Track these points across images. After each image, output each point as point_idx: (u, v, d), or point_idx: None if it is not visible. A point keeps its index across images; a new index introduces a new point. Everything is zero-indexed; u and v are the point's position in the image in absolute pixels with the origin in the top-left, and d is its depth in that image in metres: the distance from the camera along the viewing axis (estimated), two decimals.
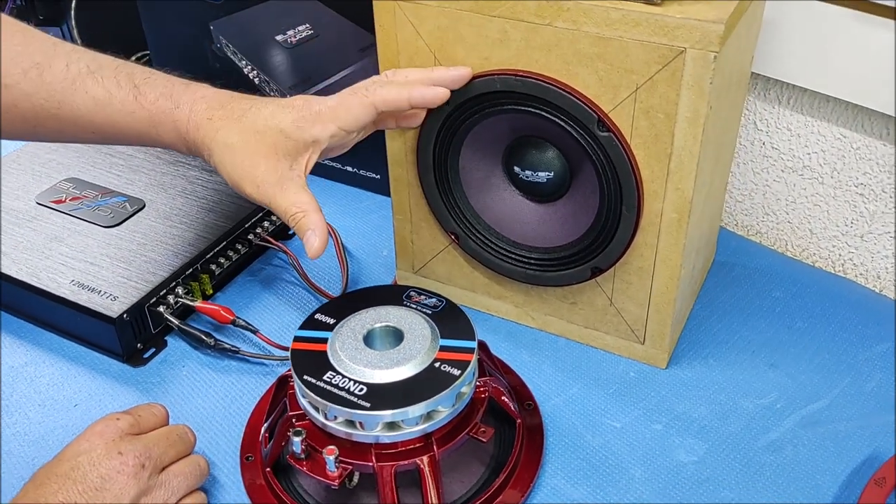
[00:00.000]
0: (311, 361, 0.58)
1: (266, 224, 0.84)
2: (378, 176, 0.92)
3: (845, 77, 0.73)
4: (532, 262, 0.70)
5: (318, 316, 0.62)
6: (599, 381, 0.70)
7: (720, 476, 0.62)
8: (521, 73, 0.61)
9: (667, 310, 0.67)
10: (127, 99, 0.63)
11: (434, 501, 0.57)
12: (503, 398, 0.63)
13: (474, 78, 0.63)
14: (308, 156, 0.63)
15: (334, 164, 0.94)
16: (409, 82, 0.63)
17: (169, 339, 0.75)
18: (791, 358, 0.71)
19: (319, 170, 0.96)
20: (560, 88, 0.60)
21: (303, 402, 0.58)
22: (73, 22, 1.06)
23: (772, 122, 0.81)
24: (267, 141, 0.62)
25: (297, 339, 0.60)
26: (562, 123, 0.61)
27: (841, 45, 0.72)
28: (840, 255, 0.82)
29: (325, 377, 0.57)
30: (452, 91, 0.64)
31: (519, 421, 0.63)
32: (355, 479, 0.58)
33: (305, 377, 0.57)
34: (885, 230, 0.78)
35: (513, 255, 0.71)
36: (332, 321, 0.61)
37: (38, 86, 0.63)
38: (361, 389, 0.56)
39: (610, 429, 0.66)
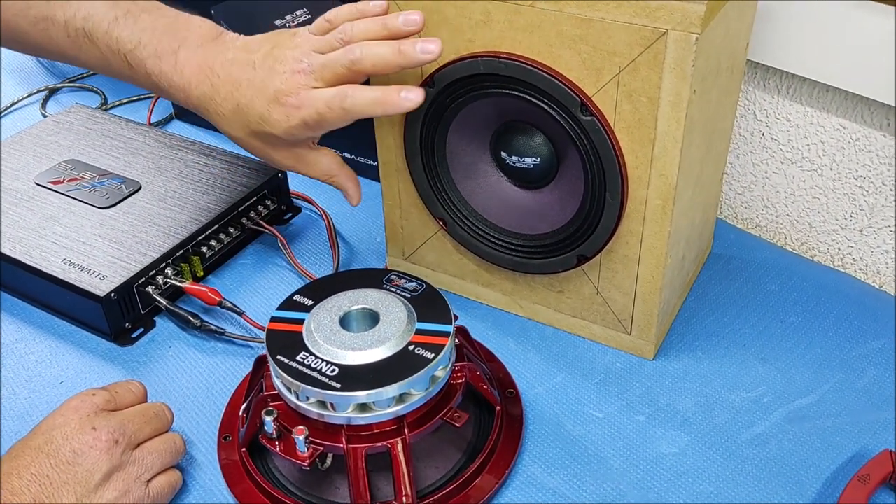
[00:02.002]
0: (286, 342, 0.58)
1: (260, 208, 0.84)
2: (376, 163, 0.91)
3: (845, 66, 0.71)
4: (519, 248, 0.69)
5: (296, 297, 0.62)
6: (585, 371, 0.69)
7: (700, 469, 0.61)
8: (504, 56, 0.60)
9: (653, 299, 0.66)
10: (122, 66, 0.68)
11: (406, 485, 0.56)
12: (482, 384, 0.62)
13: (458, 60, 0.62)
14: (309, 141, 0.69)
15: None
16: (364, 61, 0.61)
17: (158, 319, 0.75)
18: (782, 352, 0.70)
19: None
20: (543, 71, 0.59)
21: (276, 382, 0.58)
22: None
23: (771, 113, 0.79)
24: (270, 140, 0.66)
25: (273, 319, 0.60)
26: (545, 107, 0.60)
27: (841, 34, 0.70)
28: (839, 249, 0.80)
29: (297, 358, 0.57)
30: (437, 75, 0.63)
31: (498, 408, 0.62)
32: (328, 461, 0.58)
33: (279, 357, 0.57)
34: (885, 224, 0.76)
35: (500, 242, 0.70)
36: (310, 302, 0.61)
37: (47, 40, 0.68)
38: (333, 371, 0.56)
39: (591, 419, 0.65)
